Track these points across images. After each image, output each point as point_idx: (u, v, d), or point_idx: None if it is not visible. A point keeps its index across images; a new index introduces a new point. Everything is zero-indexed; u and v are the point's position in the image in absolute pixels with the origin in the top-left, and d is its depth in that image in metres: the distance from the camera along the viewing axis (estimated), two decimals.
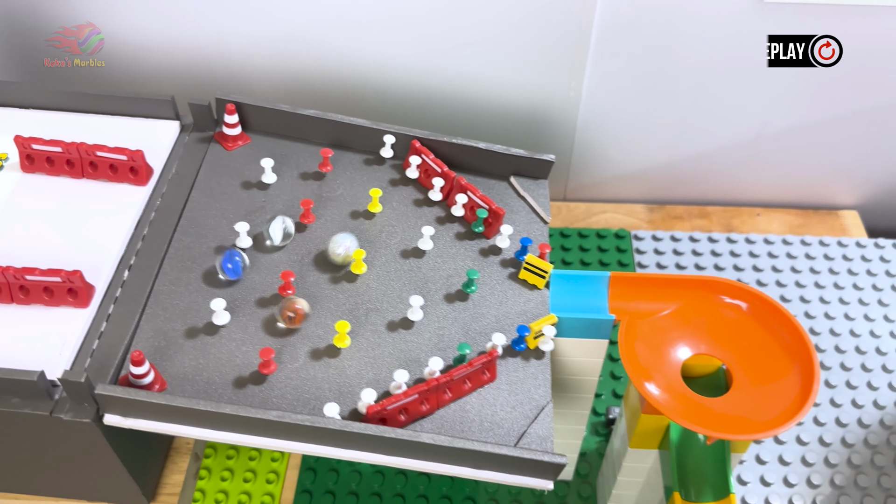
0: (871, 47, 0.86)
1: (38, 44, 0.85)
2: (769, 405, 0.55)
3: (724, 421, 0.55)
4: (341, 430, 0.49)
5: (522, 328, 0.57)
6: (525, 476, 0.52)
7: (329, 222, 0.62)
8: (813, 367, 0.55)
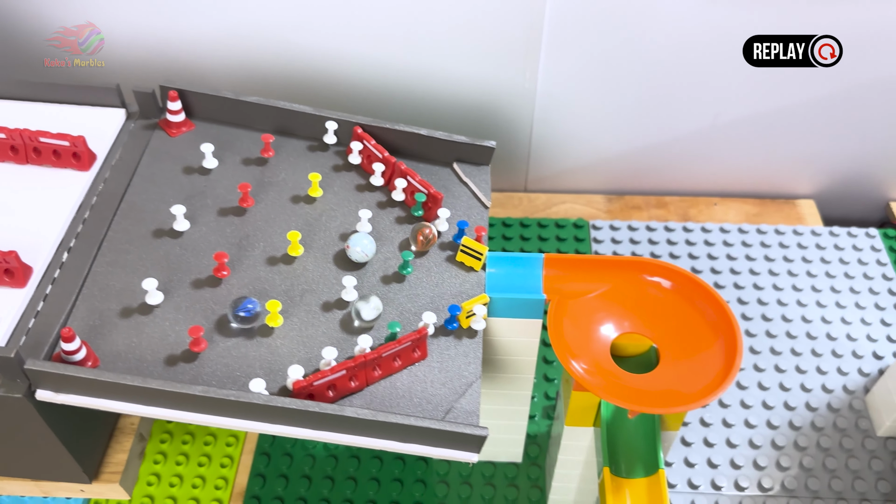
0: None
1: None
2: (695, 379, 0.57)
3: (650, 396, 0.56)
4: (266, 404, 0.50)
5: (454, 307, 0.58)
6: (450, 449, 0.53)
7: (269, 206, 0.64)
8: (736, 340, 0.56)
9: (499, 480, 0.79)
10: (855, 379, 0.86)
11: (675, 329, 0.59)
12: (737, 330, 0.56)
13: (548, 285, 0.62)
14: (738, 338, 0.56)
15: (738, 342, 0.56)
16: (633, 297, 0.61)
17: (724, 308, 0.58)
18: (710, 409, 0.83)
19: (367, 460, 0.80)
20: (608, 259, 0.62)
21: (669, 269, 0.60)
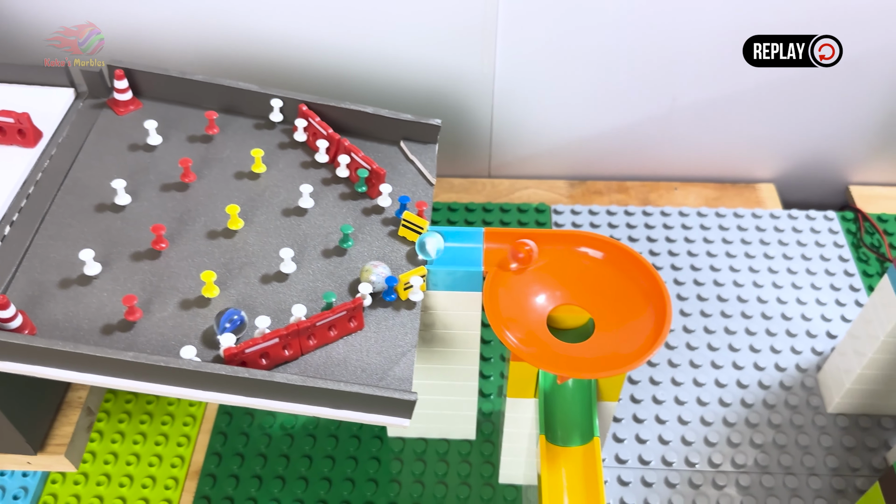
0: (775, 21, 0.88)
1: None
2: (627, 345, 0.58)
3: (581, 362, 0.57)
4: (196, 370, 0.51)
5: (391, 279, 0.59)
6: (381, 415, 0.54)
7: (212, 182, 0.64)
8: (665, 306, 0.57)
9: (452, 457, 0.80)
10: (808, 358, 0.87)
11: (609, 298, 0.60)
12: (666, 296, 0.57)
13: (488, 259, 0.63)
14: (667, 304, 0.57)
15: (668, 308, 0.57)
16: (568, 270, 0.62)
17: (653, 276, 0.59)
18: (663, 388, 0.84)
19: (323, 438, 0.81)
20: (544, 232, 0.63)
21: (602, 241, 0.61)
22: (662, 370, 0.86)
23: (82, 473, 0.78)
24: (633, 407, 0.83)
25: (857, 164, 1.05)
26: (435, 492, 0.77)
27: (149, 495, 0.77)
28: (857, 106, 0.98)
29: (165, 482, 0.78)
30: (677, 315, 0.91)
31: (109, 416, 0.83)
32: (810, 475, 0.78)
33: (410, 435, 0.81)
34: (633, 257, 0.60)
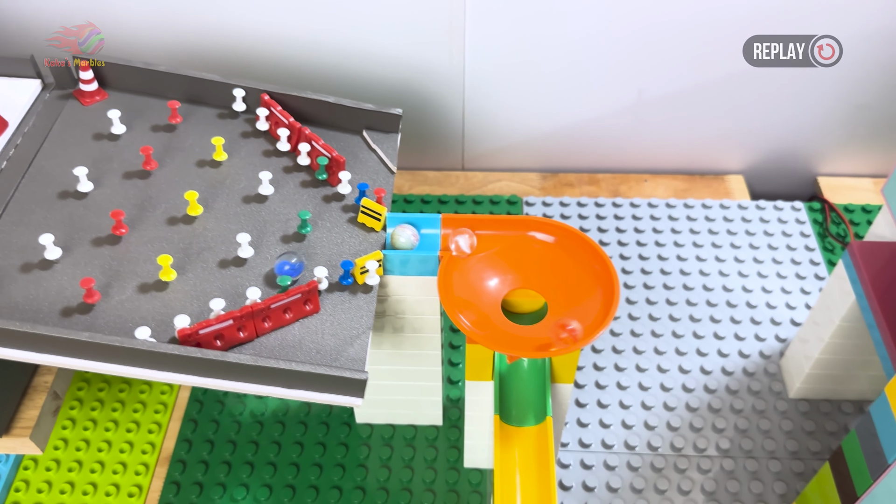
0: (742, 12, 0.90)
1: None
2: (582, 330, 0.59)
3: (533, 343, 0.59)
4: (150, 350, 0.52)
5: (346, 263, 0.60)
6: (333, 394, 0.55)
7: (174, 170, 0.66)
8: (613, 287, 0.58)
9: (419, 442, 0.82)
10: (772, 344, 0.89)
11: (560, 281, 0.61)
12: (614, 277, 0.59)
13: (446, 244, 0.64)
14: (615, 285, 0.58)
15: (616, 289, 0.58)
16: (521, 254, 0.63)
17: (602, 258, 0.60)
18: (627, 374, 0.86)
19: (292, 425, 0.83)
20: (498, 218, 0.64)
21: (552, 225, 0.62)
22: (627, 357, 0.87)
23: (54, 460, 0.80)
24: (597, 392, 0.84)
25: (825, 155, 1.07)
26: (401, 476, 0.79)
27: (119, 481, 0.78)
28: (824, 97, 0.99)
29: (136, 468, 0.79)
30: (643, 303, 0.92)
31: (82, 405, 0.84)
32: (770, 458, 0.79)
33: (378, 421, 0.83)
34: (583, 240, 0.61)
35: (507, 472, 0.59)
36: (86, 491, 0.77)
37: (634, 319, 0.91)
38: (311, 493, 0.77)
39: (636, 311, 0.91)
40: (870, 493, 0.58)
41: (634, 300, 0.93)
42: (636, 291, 0.94)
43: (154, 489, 0.78)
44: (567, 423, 0.82)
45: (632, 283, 0.94)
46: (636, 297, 0.93)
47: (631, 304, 0.92)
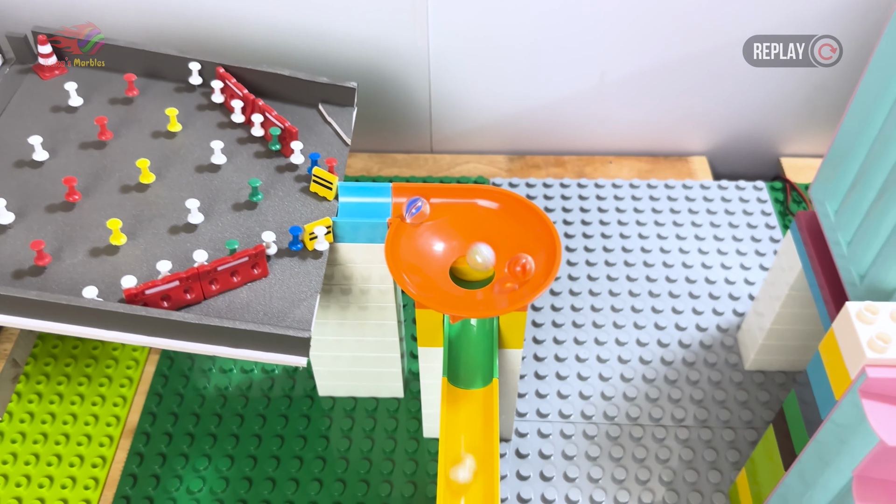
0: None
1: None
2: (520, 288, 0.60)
3: (476, 304, 0.60)
4: (96, 308, 0.53)
5: (295, 228, 0.62)
6: (278, 353, 0.56)
7: (129, 141, 0.67)
8: (555, 248, 0.60)
9: (380, 414, 0.83)
10: (729, 319, 0.90)
11: (505, 245, 0.63)
12: (555, 237, 0.60)
13: (397, 212, 0.66)
14: (556, 244, 0.60)
15: (557, 248, 0.60)
16: (467, 221, 0.64)
17: (544, 220, 0.62)
18: (586, 347, 0.87)
19: (255, 399, 0.84)
20: (444, 186, 0.65)
21: (496, 192, 0.64)
22: (586, 331, 0.89)
23: (20, 432, 0.81)
24: (556, 365, 0.86)
25: (788, 136, 1.08)
26: (362, 446, 0.80)
27: (84, 452, 0.80)
28: (784, 78, 1.01)
29: (100, 440, 0.81)
30: (603, 280, 0.94)
31: (49, 379, 0.85)
32: (725, 428, 0.81)
33: (340, 394, 0.84)
34: (526, 205, 0.63)
35: (453, 433, 0.61)
36: (50, 462, 0.79)
37: (595, 295, 0.92)
38: (272, 463, 0.79)
39: (596, 288, 0.93)
40: (806, 449, 0.59)
41: (595, 276, 0.94)
42: (597, 268, 0.95)
43: (118, 460, 0.79)
44: (525, 394, 0.83)
45: (593, 261, 0.96)
46: (597, 273, 0.94)
47: (592, 281, 0.94)
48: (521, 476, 0.77)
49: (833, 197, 0.68)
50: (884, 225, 0.59)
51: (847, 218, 0.65)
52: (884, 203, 0.59)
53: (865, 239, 0.62)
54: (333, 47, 0.97)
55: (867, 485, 0.53)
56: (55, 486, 0.77)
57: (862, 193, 0.63)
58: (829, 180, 0.69)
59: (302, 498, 0.76)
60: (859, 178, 0.64)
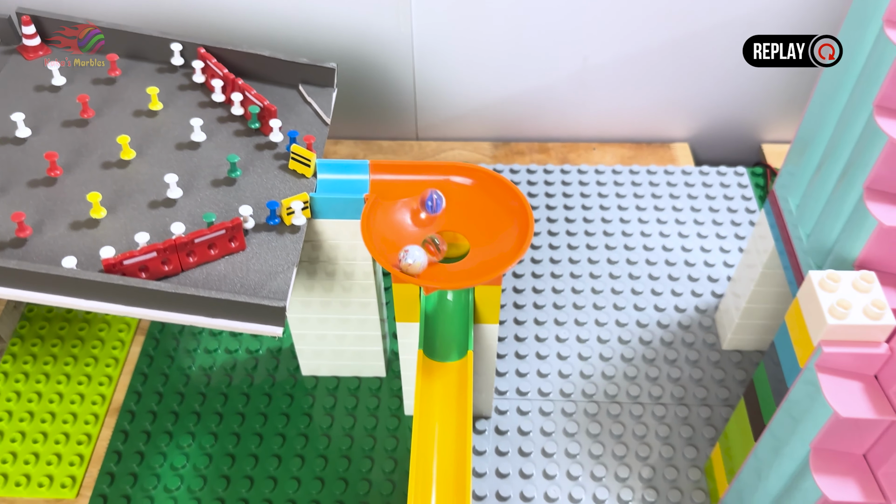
0: None
1: None
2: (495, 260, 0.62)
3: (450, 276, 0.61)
4: (74, 277, 0.55)
5: (272, 203, 0.63)
6: (254, 323, 0.58)
7: (111, 119, 0.68)
8: (527, 219, 0.61)
9: (363, 392, 0.84)
10: (708, 300, 0.91)
11: (479, 220, 0.64)
12: (528, 209, 0.62)
13: (374, 189, 0.67)
14: (529, 217, 0.61)
15: (530, 221, 0.61)
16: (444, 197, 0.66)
17: (517, 194, 0.63)
18: (566, 328, 0.88)
19: (239, 378, 0.85)
20: (421, 163, 0.67)
21: (470, 168, 0.65)
22: (567, 312, 0.90)
23: (6, 411, 0.82)
24: (536, 345, 0.87)
25: (769, 122, 1.10)
26: (344, 423, 0.81)
27: (69, 430, 0.81)
28: None
29: (86, 418, 0.82)
30: (584, 262, 0.95)
31: (35, 360, 0.86)
32: (701, 405, 0.82)
33: (323, 373, 0.85)
34: (498, 180, 0.64)
35: (428, 405, 0.62)
36: (36, 440, 0.80)
37: (576, 278, 0.94)
38: (255, 440, 0.80)
39: (577, 270, 0.94)
40: (773, 418, 0.60)
41: (577, 259, 0.95)
42: (579, 252, 0.96)
43: (103, 438, 0.81)
44: (506, 372, 0.85)
45: (575, 244, 0.97)
46: (578, 256, 0.96)
47: (573, 264, 0.95)
48: (500, 452, 0.78)
49: (795, 192, 0.70)
50: (839, 219, 0.61)
51: (807, 212, 0.67)
52: (839, 196, 0.61)
53: (823, 231, 0.63)
54: (317, 34, 0.98)
55: (823, 456, 0.54)
56: (41, 462, 0.78)
57: (820, 188, 0.64)
58: (790, 176, 0.71)
59: (284, 474, 0.77)
60: (817, 174, 0.65)
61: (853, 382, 0.52)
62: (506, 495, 0.75)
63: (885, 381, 0.52)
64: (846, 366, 0.53)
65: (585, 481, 0.76)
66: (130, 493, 0.76)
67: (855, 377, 0.53)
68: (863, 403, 0.51)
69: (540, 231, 0.99)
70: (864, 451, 0.54)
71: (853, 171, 0.59)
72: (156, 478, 0.77)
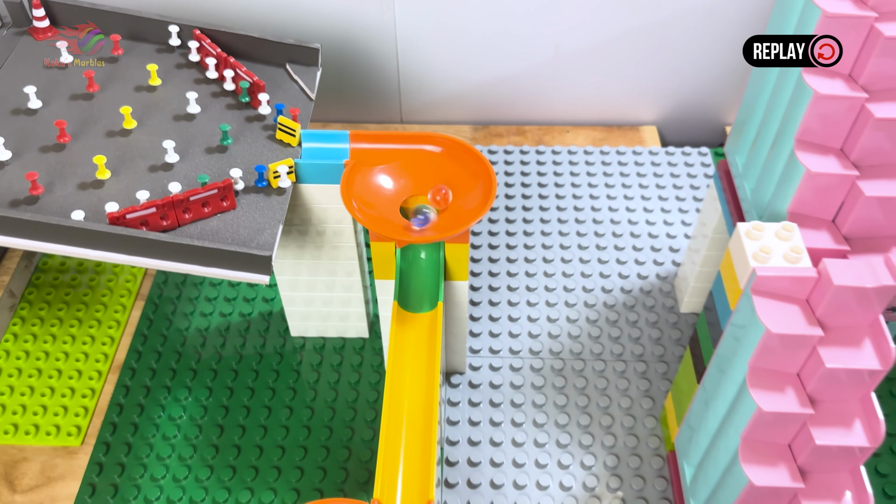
0: None
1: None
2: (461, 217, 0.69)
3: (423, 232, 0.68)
4: (81, 227, 0.61)
5: (260, 167, 0.70)
6: (243, 271, 0.64)
7: (115, 94, 0.75)
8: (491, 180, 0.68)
9: (347, 351, 0.91)
10: (668, 268, 0.98)
11: (448, 184, 0.71)
12: (490, 172, 0.69)
13: (353, 156, 0.74)
14: (492, 178, 0.68)
15: (492, 180, 0.68)
16: (417, 164, 0.72)
17: (480, 158, 0.70)
18: (537, 293, 0.95)
19: (233, 338, 0.92)
20: (396, 133, 0.73)
21: (439, 137, 0.72)
22: (538, 279, 0.97)
23: (17, 368, 0.89)
24: (508, 309, 0.94)
25: (732, 105, 1.16)
26: (329, 378, 0.88)
27: (75, 385, 0.87)
28: (729, 51, 1.09)
29: (90, 374, 0.88)
30: (555, 235, 1.02)
31: (43, 322, 0.93)
32: (659, 361, 0.89)
33: (311, 334, 0.92)
34: (464, 147, 0.71)
35: (400, 350, 0.68)
36: (44, 393, 0.86)
37: (547, 248, 1.00)
38: (247, 393, 0.87)
39: (549, 241, 1.01)
40: (711, 361, 0.67)
41: (548, 232, 1.02)
42: (551, 225, 1.03)
43: (106, 392, 0.87)
44: (479, 333, 0.91)
45: (547, 219, 1.04)
46: (550, 229, 1.02)
47: (545, 236, 1.02)
48: (473, 403, 0.85)
49: (742, 151, 0.77)
50: (776, 171, 0.67)
51: (751, 169, 0.74)
52: (776, 151, 0.68)
53: (764, 185, 0.70)
54: (305, 21, 1.05)
55: (758, 374, 0.60)
56: (48, 414, 0.85)
57: (761, 146, 0.71)
58: (737, 135, 0.78)
59: (274, 423, 0.84)
60: (759, 133, 0.72)
61: (785, 304, 0.57)
62: (477, 440, 0.82)
63: (815, 303, 0.57)
64: (779, 289, 0.58)
65: (550, 428, 0.83)
66: (131, 441, 0.83)
67: (787, 300, 0.58)
68: (792, 321, 0.56)
69: (515, 206, 1.06)
70: (798, 370, 0.59)
71: (787, 127, 0.65)
72: (155, 427, 0.84)
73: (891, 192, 0.61)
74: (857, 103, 0.61)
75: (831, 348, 0.56)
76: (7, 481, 0.80)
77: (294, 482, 0.79)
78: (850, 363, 0.55)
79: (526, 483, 0.79)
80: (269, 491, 0.79)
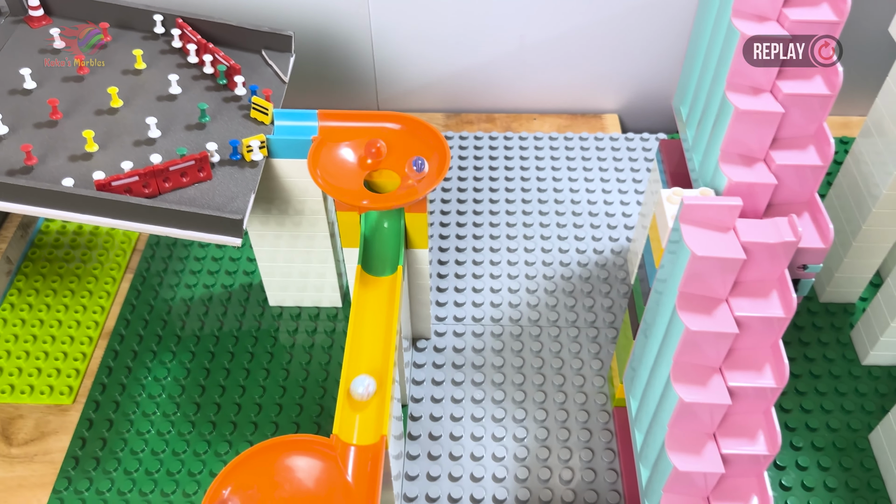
0: None
1: None
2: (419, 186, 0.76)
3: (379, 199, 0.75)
4: (70, 192, 0.68)
5: (234, 141, 0.77)
6: (216, 234, 0.71)
7: (104, 76, 0.82)
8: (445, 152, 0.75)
9: (321, 319, 0.98)
10: (623, 244, 1.05)
11: (407, 157, 0.78)
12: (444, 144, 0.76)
13: (322, 133, 0.81)
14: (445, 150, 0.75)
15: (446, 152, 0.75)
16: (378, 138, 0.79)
17: (435, 133, 0.77)
18: (500, 267, 1.02)
19: (215, 306, 0.99)
20: (362, 113, 0.80)
21: (399, 116, 0.79)
22: (501, 254, 1.04)
23: (13, 335, 0.95)
24: (472, 281, 1.01)
25: None
26: (304, 343, 0.95)
27: (67, 349, 0.94)
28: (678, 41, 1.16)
29: (81, 339, 0.95)
30: (519, 214, 1.09)
31: (38, 293, 1.00)
32: (609, 328, 0.95)
33: (288, 304, 0.98)
34: (420, 123, 0.78)
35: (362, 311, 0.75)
36: (38, 357, 0.93)
37: (511, 226, 1.07)
38: (228, 356, 0.93)
39: (512, 220, 1.08)
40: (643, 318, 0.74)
41: (513, 211, 1.09)
42: (515, 205, 1.10)
43: (96, 356, 0.94)
44: (445, 303, 0.98)
45: (512, 199, 1.11)
46: (514, 209, 1.09)
47: (509, 215, 1.09)
48: (437, 365, 0.92)
49: (685, 102, 0.83)
50: (711, 115, 0.73)
51: (692, 118, 0.80)
52: (711, 94, 0.73)
53: (702, 131, 0.76)
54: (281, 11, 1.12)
55: (686, 298, 0.64)
56: (42, 375, 0.92)
57: (700, 95, 0.77)
58: (682, 88, 0.84)
59: (252, 383, 0.91)
60: (699, 82, 0.78)
61: (712, 232, 0.61)
62: (439, 398, 0.89)
63: (741, 231, 0.62)
64: (706, 218, 0.61)
65: (507, 387, 0.90)
66: (119, 399, 0.90)
67: (715, 228, 0.61)
68: (716, 246, 0.60)
69: (483, 188, 1.13)
70: (725, 296, 0.64)
71: (720, 71, 0.71)
72: (141, 387, 0.91)
73: None
74: (785, 42, 0.64)
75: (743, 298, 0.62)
76: (4, 436, 0.87)
77: (269, 435, 0.86)
78: (760, 311, 0.60)
79: (482, 435, 0.86)
80: (246, 443, 0.86)
